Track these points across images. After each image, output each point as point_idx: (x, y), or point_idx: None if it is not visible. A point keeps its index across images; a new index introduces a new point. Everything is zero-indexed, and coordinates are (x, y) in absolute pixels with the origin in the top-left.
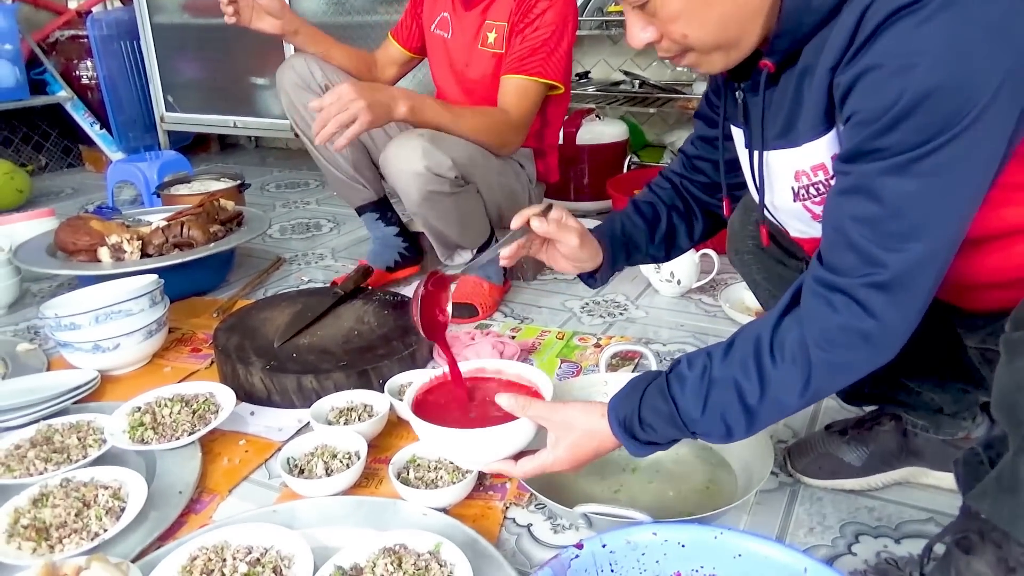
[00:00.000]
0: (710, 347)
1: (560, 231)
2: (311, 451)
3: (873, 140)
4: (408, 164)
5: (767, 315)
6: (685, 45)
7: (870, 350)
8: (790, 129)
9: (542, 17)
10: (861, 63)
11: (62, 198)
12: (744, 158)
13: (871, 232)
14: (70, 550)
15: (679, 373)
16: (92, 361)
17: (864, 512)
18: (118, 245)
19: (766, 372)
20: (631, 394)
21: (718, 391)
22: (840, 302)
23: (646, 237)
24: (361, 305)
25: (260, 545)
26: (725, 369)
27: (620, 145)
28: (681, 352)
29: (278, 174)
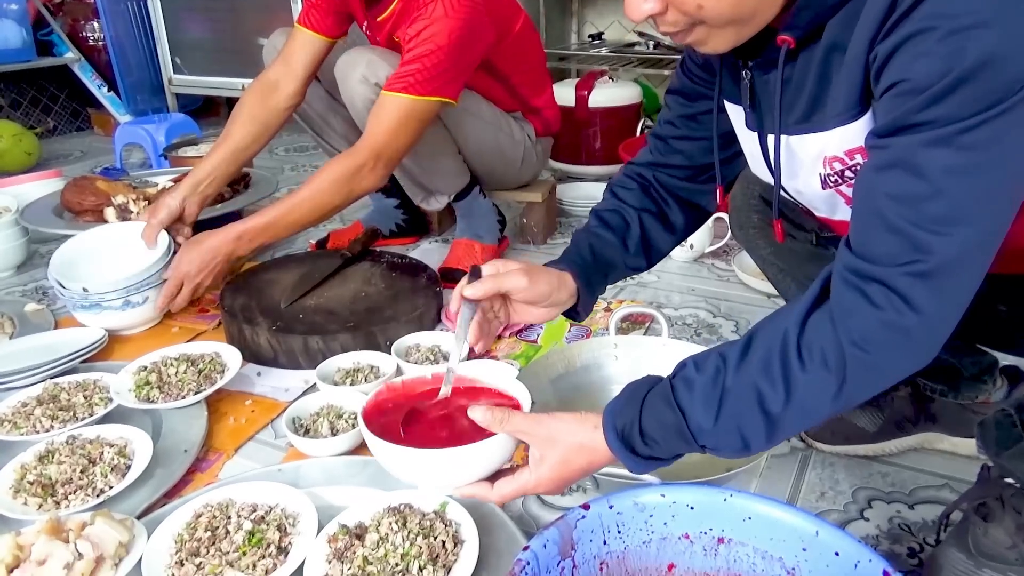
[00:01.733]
0: (721, 347)
1: (501, 281)
2: (317, 411)
3: (919, 112)
4: (353, 72)
5: (789, 309)
6: (696, 18)
7: (912, 349)
8: (815, 111)
9: (418, 37)
10: (905, 28)
11: (71, 161)
12: (750, 140)
13: (913, 213)
14: (75, 506)
15: (686, 377)
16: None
17: (878, 477)
18: (124, 205)
19: (793, 376)
20: (630, 401)
21: (734, 397)
22: (878, 294)
23: (620, 250)
24: (368, 267)
25: (265, 503)
26: (743, 372)
27: (633, 108)
28: (694, 317)
29: (286, 138)
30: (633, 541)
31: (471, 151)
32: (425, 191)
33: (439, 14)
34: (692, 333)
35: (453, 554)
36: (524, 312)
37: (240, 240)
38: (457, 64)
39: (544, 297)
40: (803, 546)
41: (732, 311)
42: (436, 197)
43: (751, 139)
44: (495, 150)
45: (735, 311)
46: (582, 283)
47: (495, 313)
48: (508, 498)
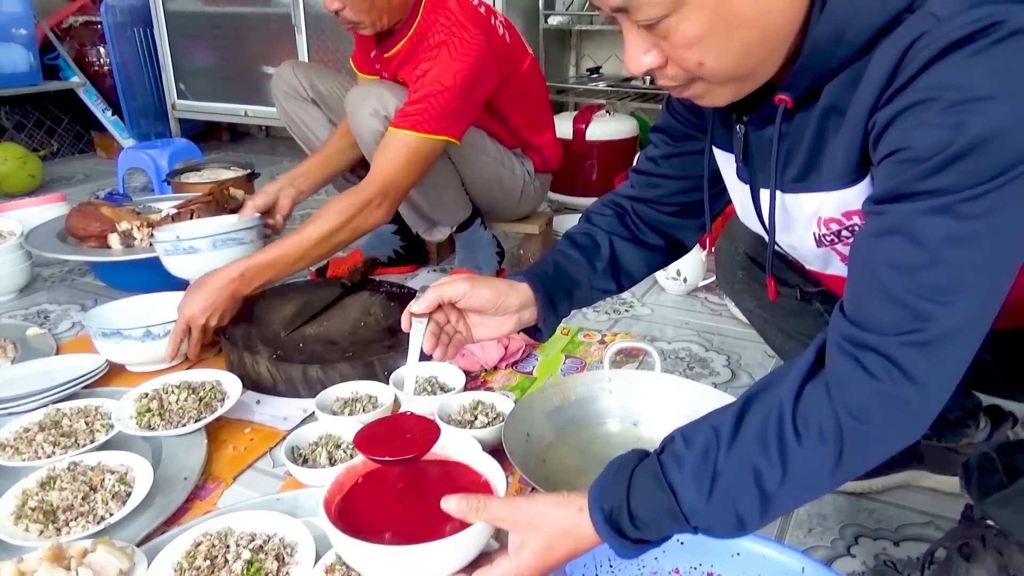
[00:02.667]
0: (712, 418)
1: (441, 289)
2: (315, 441)
3: (919, 180)
4: (363, 105)
5: (783, 377)
6: (696, 74)
7: (910, 420)
8: (811, 172)
9: (424, 77)
10: (907, 97)
11: (73, 183)
12: (741, 191)
13: (911, 281)
14: (76, 533)
15: (675, 453)
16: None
17: (864, 514)
18: (128, 232)
19: (789, 451)
20: (616, 481)
21: (729, 475)
22: (876, 364)
23: (587, 269)
24: (368, 297)
25: (263, 532)
26: (737, 448)
27: (630, 141)
28: (687, 351)
29: (288, 164)
30: (625, 575)
31: (473, 184)
32: (429, 222)
33: (446, 57)
34: (685, 367)
35: None
36: (481, 324)
37: (243, 278)
38: (463, 105)
39: (490, 303)
40: None
41: (724, 345)
42: (439, 228)
43: (743, 191)
44: (496, 184)
45: (727, 345)
46: (541, 296)
47: (454, 327)
48: None
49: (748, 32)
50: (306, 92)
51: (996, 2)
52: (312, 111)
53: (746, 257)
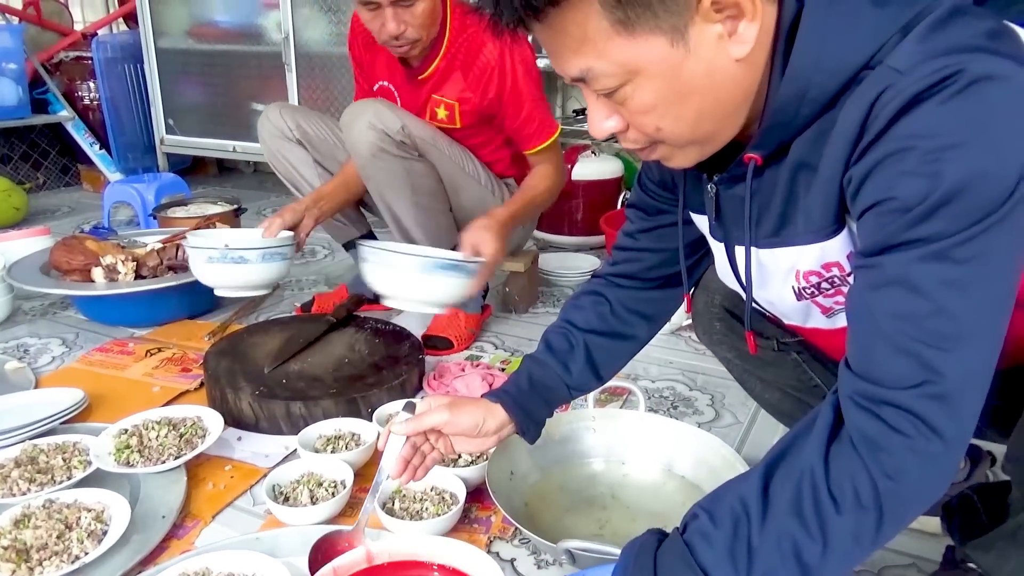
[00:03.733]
0: (732, 490)
1: (422, 419)
2: (297, 479)
3: (908, 229)
4: (359, 119)
5: (803, 440)
6: (656, 138)
7: (942, 472)
8: (784, 226)
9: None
10: (880, 149)
11: (59, 216)
12: (717, 250)
13: (917, 331)
14: (50, 572)
15: (702, 531)
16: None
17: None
18: (112, 266)
19: (828, 521)
20: (641, 565)
21: (766, 552)
22: (900, 421)
23: (562, 374)
24: (353, 333)
25: (242, 572)
26: (771, 522)
27: (615, 182)
28: (671, 390)
29: (275, 199)
30: None
31: (463, 213)
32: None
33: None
34: (669, 406)
35: None
36: (461, 443)
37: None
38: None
39: (470, 429)
40: None
41: (708, 384)
42: None
43: (718, 249)
44: (482, 206)
45: (711, 385)
46: (516, 415)
47: (432, 445)
48: None
49: (701, 99)
50: (292, 133)
51: (953, 52)
52: (297, 151)
53: (722, 309)
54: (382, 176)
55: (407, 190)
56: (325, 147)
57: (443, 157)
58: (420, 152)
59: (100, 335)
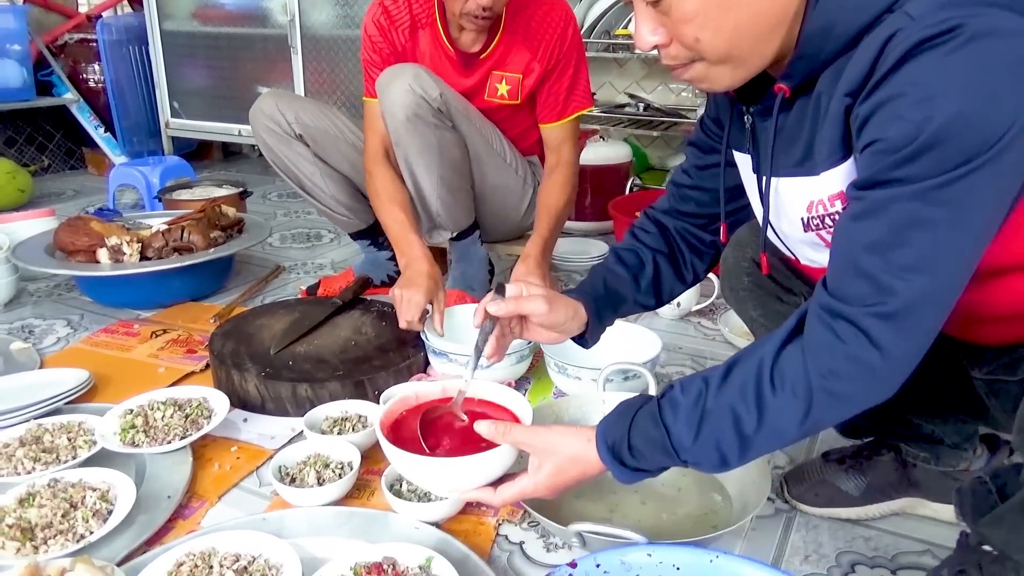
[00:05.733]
0: (706, 371)
1: (523, 304)
2: (303, 460)
3: (892, 170)
4: (398, 80)
5: (768, 339)
6: (695, 52)
7: (873, 383)
8: (807, 158)
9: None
10: (882, 92)
11: (63, 199)
12: (752, 184)
13: (880, 260)
14: (55, 551)
15: (672, 398)
16: None
17: (861, 542)
18: (117, 247)
19: (765, 401)
20: (620, 418)
21: (713, 418)
22: (845, 331)
23: (631, 287)
24: (359, 316)
25: (248, 553)
26: (722, 396)
27: (623, 167)
28: (680, 375)
29: (279, 184)
30: None
31: (485, 189)
32: (431, 222)
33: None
34: None
35: None
36: (537, 333)
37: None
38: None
39: (560, 324)
40: None
41: None
42: (439, 231)
43: (752, 182)
44: (506, 191)
45: None
46: (592, 313)
47: (511, 328)
48: (509, 501)
49: (740, 14)
50: (290, 127)
51: (963, 4)
52: (297, 147)
53: (752, 263)
54: (413, 143)
55: (435, 161)
56: (326, 140)
57: (474, 131)
58: (454, 123)
59: (105, 316)
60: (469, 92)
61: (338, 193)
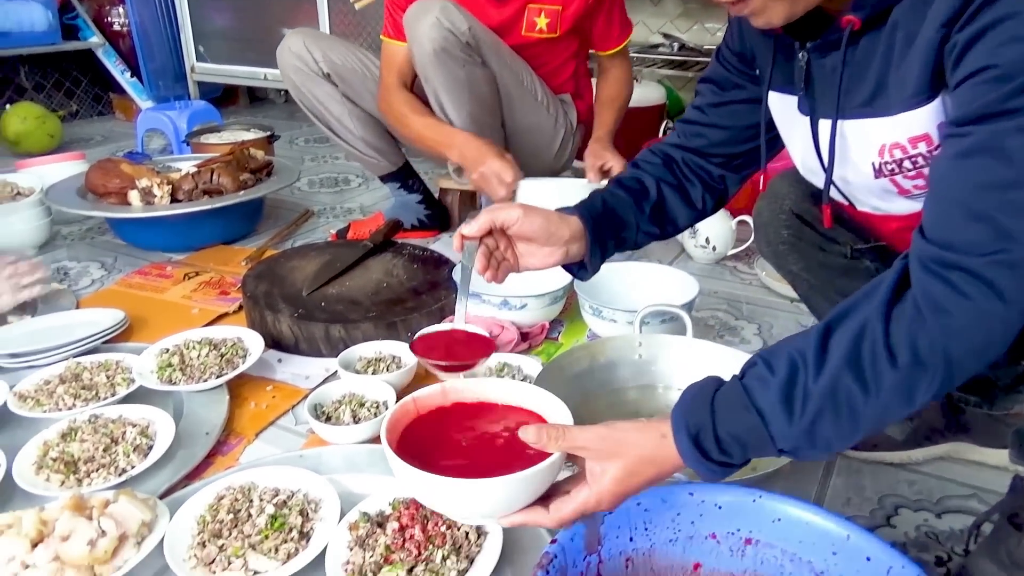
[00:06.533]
0: (790, 344)
1: (496, 214)
2: (339, 399)
3: (1009, 99)
4: (426, 15)
5: (866, 301)
6: None
7: (999, 338)
8: (877, 96)
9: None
10: (988, 15)
11: (92, 145)
12: (800, 125)
13: (998, 200)
14: (97, 484)
15: (759, 378)
16: None
17: (904, 485)
18: (148, 189)
19: (883, 374)
20: (697, 407)
21: (819, 398)
22: (966, 284)
23: (634, 210)
24: (390, 258)
25: (287, 488)
26: (827, 372)
27: (657, 109)
28: (715, 319)
29: (307, 129)
30: (660, 539)
31: (516, 128)
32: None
33: None
34: (714, 335)
35: (476, 545)
36: (529, 254)
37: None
38: None
39: (541, 232)
40: (833, 550)
41: (754, 314)
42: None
43: (801, 124)
44: (537, 130)
45: (757, 314)
46: (589, 228)
47: (502, 254)
48: (567, 521)
49: None
50: (318, 67)
51: None
52: (325, 87)
53: (792, 215)
54: (441, 78)
55: (464, 98)
56: (354, 79)
57: (504, 67)
58: (483, 59)
59: (138, 259)
60: (503, 26)
61: (367, 134)
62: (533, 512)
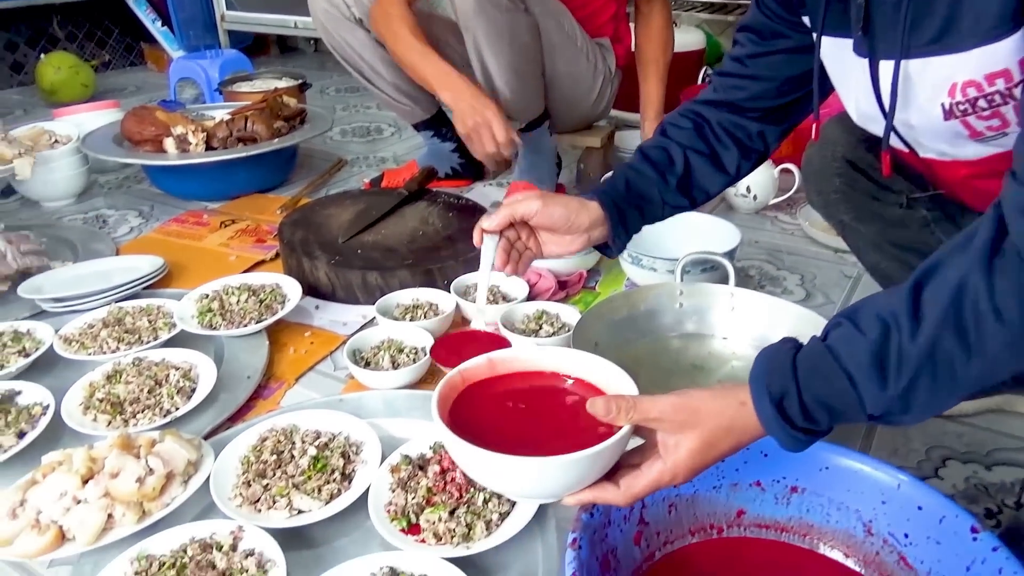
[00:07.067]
0: (876, 303)
1: (515, 207)
2: (377, 345)
3: None
4: None
5: (961, 252)
6: None
7: None
8: (948, 31)
9: None
10: None
11: (125, 95)
12: (858, 69)
13: None
14: (143, 425)
15: (846, 337)
16: None
17: (952, 437)
18: (183, 136)
19: (988, 334)
20: (777, 369)
21: (916, 359)
22: None
23: (658, 185)
24: (425, 206)
25: (328, 431)
26: (924, 331)
27: (695, 55)
28: (757, 270)
29: (337, 78)
30: (703, 485)
31: (556, 76)
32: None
33: None
34: (755, 285)
35: None
36: (551, 242)
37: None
38: None
39: (562, 221)
40: (883, 499)
41: (797, 265)
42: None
43: (858, 68)
44: (577, 78)
45: (800, 265)
46: (611, 214)
47: (524, 244)
48: (640, 497)
49: None
50: (350, 11)
51: None
52: (358, 32)
53: (844, 162)
54: (484, 31)
55: (506, 48)
56: None
57: (547, 12)
58: (526, 5)
59: (175, 207)
60: None
61: (400, 81)
62: (602, 489)
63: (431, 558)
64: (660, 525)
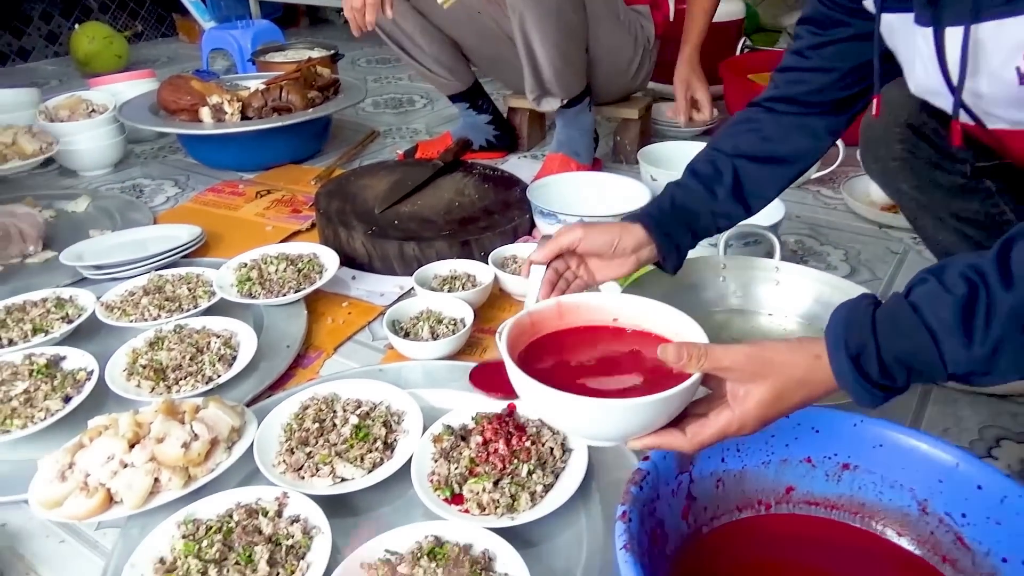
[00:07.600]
0: (959, 263)
1: (560, 238)
2: (416, 315)
3: None
4: None
5: None
6: None
7: None
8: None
9: None
10: None
11: (158, 66)
12: (922, 38)
13: None
14: (186, 391)
15: (931, 294)
16: None
17: (1006, 417)
18: (218, 106)
19: None
20: (855, 323)
21: (1005, 320)
22: None
23: (706, 199)
24: (461, 178)
25: (369, 400)
26: (1015, 291)
27: (734, 24)
28: (799, 244)
29: (368, 50)
30: (752, 461)
31: (598, 51)
32: (542, 89)
33: None
34: (798, 260)
35: (562, 461)
36: (601, 268)
37: None
38: None
39: (606, 247)
40: (939, 478)
41: (840, 240)
42: (550, 98)
43: (922, 39)
44: (618, 52)
45: (843, 240)
46: (656, 235)
47: (575, 272)
48: (706, 445)
49: None
50: None
51: None
52: (398, 4)
53: (906, 128)
54: (533, 12)
55: (552, 28)
56: None
57: None
58: None
59: (210, 177)
60: None
61: (439, 52)
62: (668, 435)
63: (475, 528)
64: (708, 500)
